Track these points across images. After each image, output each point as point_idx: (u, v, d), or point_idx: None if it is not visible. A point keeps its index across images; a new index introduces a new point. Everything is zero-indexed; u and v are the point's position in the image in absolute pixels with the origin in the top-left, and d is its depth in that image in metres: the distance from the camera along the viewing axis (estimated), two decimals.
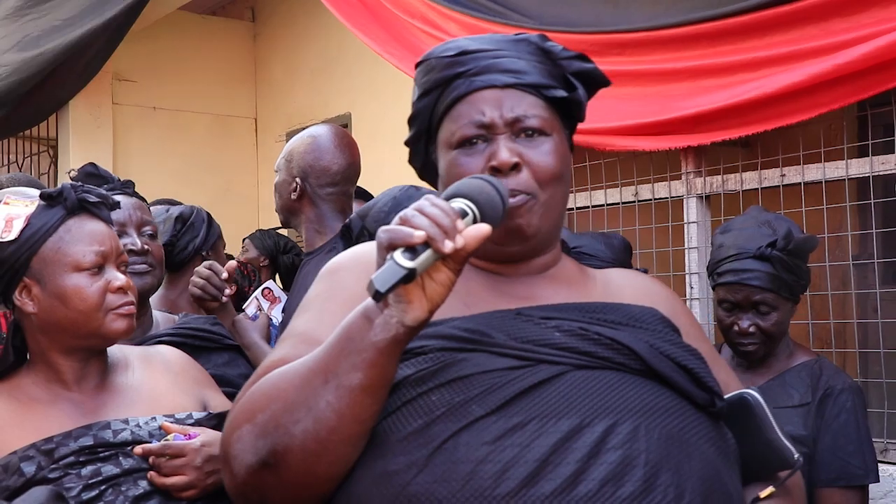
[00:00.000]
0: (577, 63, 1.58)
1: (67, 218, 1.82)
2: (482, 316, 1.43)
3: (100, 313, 1.80)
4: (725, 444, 1.45)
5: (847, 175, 3.10)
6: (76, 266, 1.80)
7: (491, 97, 1.50)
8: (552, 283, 1.55)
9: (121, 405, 1.85)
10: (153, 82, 6.58)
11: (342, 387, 1.27)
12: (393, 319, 1.25)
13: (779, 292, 2.44)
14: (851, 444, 2.39)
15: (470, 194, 1.31)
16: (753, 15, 2.98)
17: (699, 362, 1.45)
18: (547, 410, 1.32)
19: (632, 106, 3.32)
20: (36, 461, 1.71)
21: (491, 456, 1.27)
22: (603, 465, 1.27)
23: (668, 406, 1.38)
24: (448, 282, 1.26)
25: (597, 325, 1.42)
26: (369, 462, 1.32)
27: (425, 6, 3.96)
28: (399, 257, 1.19)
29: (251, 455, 1.32)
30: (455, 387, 1.33)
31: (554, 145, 1.51)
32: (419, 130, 1.60)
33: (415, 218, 1.22)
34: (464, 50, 1.54)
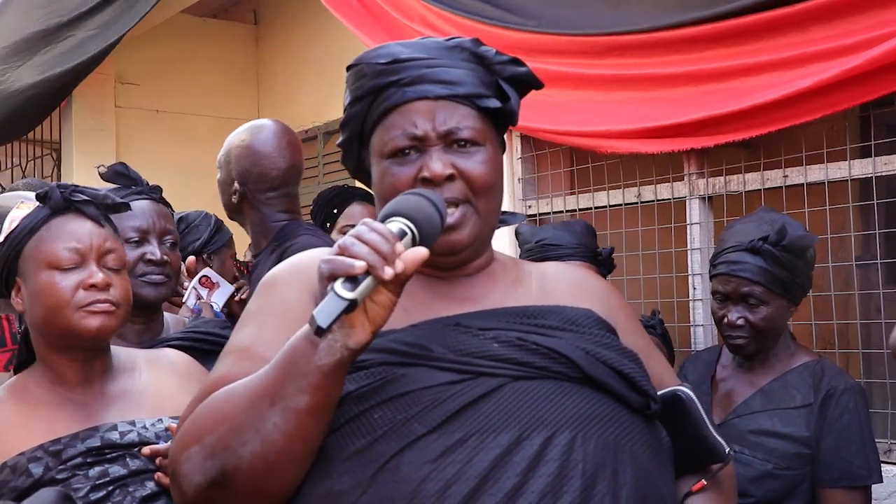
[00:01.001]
0: (511, 67, 1.58)
1: (52, 217, 1.84)
2: (422, 327, 1.44)
3: (68, 310, 1.80)
4: (660, 444, 1.49)
5: (850, 176, 3.09)
6: (50, 263, 1.81)
7: (424, 108, 1.50)
8: (489, 282, 1.57)
9: (127, 407, 1.86)
10: (156, 85, 6.59)
11: (289, 409, 1.28)
12: (337, 344, 1.27)
13: (768, 286, 2.45)
14: (854, 445, 2.39)
15: (408, 213, 1.33)
16: (754, 17, 2.99)
17: (634, 366, 1.48)
18: (486, 425, 1.34)
19: (634, 109, 3.33)
20: (44, 462, 1.73)
21: (433, 474, 1.30)
22: (542, 478, 1.31)
23: (604, 414, 1.40)
24: (389, 304, 1.29)
25: (534, 333, 1.44)
26: (315, 481, 1.35)
27: (425, 9, 3.96)
28: (339, 289, 1.21)
29: (200, 475, 1.33)
30: (397, 404, 1.35)
31: (487, 155, 1.52)
32: (351, 135, 1.60)
33: (354, 246, 1.24)
34: (396, 58, 1.53)
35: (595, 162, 3.79)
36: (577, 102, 3.38)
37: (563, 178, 4.07)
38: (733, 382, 2.60)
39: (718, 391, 2.61)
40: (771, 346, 2.55)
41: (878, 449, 2.98)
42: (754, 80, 3.03)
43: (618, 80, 3.40)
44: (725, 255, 2.53)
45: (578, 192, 3.93)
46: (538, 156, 4.09)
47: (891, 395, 3.10)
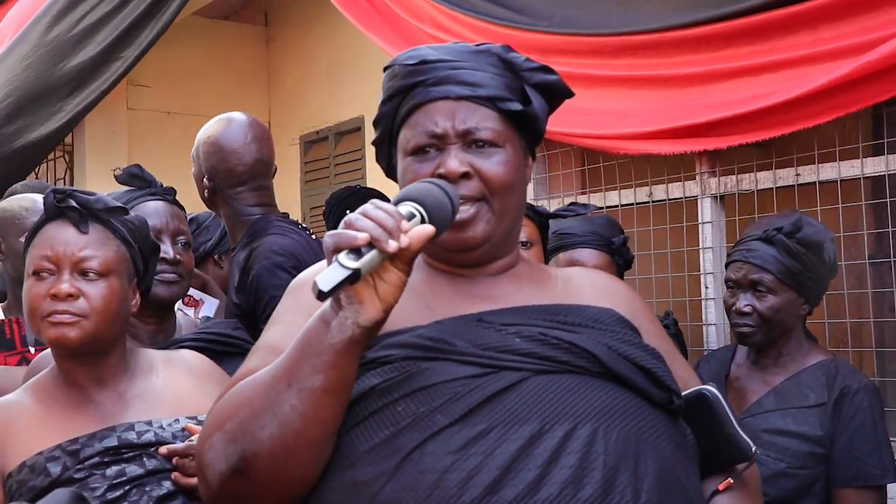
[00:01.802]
0: (539, 75, 1.61)
1: (46, 223, 1.87)
2: (445, 323, 1.47)
3: (36, 319, 1.82)
4: (683, 440, 1.50)
5: (862, 174, 3.09)
6: (30, 270, 1.84)
7: (445, 108, 1.54)
8: (513, 282, 1.60)
9: (144, 407, 1.88)
10: (167, 87, 6.61)
11: (304, 390, 1.31)
12: (348, 321, 1.30)
13: (778, 275, 2.47)
14: (868, 445, 2.39)
15: (418, 197, 1.36)
16: (765, 15, 2.98)
17: (657, 362, 1.50)
18: (509, 417, 1.36)
19: (646, 110, 3.33)
20: (62, 461, 1.75)
21: (456, 465, 1.32)
22: (563, 469, 1.33)
23: (627, 407, 1.42)
24: (398, 281, 1.31)
25: (556, 328, 1.47)
26: (339, 472, 1.37)
27: (436, 10, 3.96)
28: (343, 258, 1.24)
29: (223, 462, 1.36)
30: (420, 397, 1.38)
31: (505, 156, 1.55)
32: (383, 133, 1.65)
33: (358, 221, 1.27)
34: (424, 59, 1.58)
35: (606, 161, 3.79)
36: (588, 103, 3.37)
37: (575, 178, 4.07)
38: (747, 381, 2.60)
39: (732, 390, 2.61)
40: (781, 342, 2.55)
41: (893, 448, 2.98)
42: (767, 80, 3.02)
43: (629, 80, 3.39)
44: (741, 244, 2.57)
45: (590, 191, 3.93)
46: (549, 156, 4.09)
47: None
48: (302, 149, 6.99)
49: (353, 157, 6.58)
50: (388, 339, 1.41)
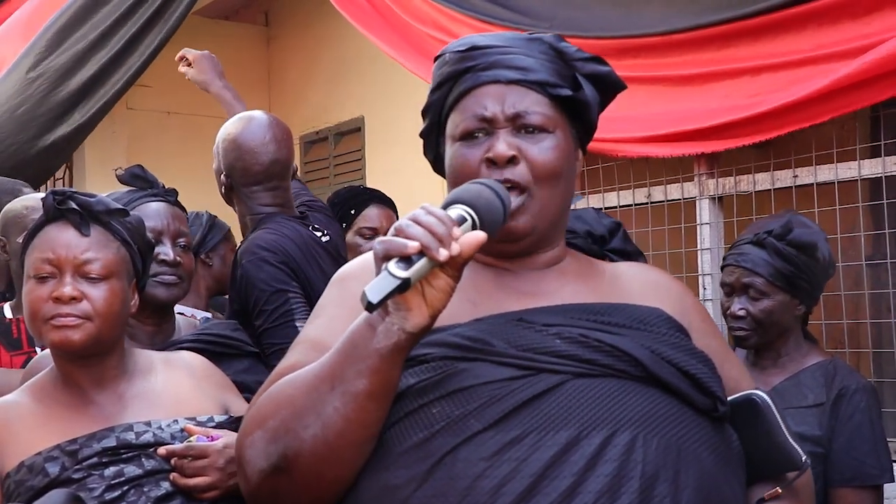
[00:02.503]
0: (591, 65, 1.59)
1: (45, 224, 1.86)
2: (486, 321, 1.44)
3: (38, 322, 1.81)
4: (728, 448, 1.45)
5: (860, 175, 3.11)
6: (30, 273, 1.83)
7: (495, 92, 1.52)
8: (559, 277, 1.56)
9: (143, 408, 1.88)
10: (167, 87, 6.59)
11: (348, 393, 1.30)
12: (394, 327, 1.28)
13: (769, 278, 2.49)
14: (866, 444, 2.40)
15: (469, 200, 1.33)
16: (765, 18, 2.99)
17: (702, 366, 1.45)
18: (545, 422, 1.33)
19: (647, 112, 3.34)
20: (60, 462, 1.74)
21: (488, 472, 1.29)
22: (599, 478, 1.29)
23: (668, 414, 1.38)
24: (448, 288, 1.29)
25: (598, 330, 1.42)
26: (373, 473, 1.35)
27: (437, 11, 3.97)
28: (393, 268, 1.22)
29: (263, 460, 1.35)
30: (455, 399, 1.35)
31: (555, 142, 1.52)
32: (431, 122, 1.63)
33: (409, 228, 1.24)
34: (474, 45, 1.57)
35: (605, 163, 3.80)
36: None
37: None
38: None
39: None
40: (778, 343, 2.56)
41: (890, 448, 2.99)
42: (766, 81, 3.03)
43: (629, 81, 3.37)
44: (734, 248, 2.59)
45: (589, 192, 3.94)
46: None
47: None
48: (302, 149, 6.99)
49: (352, 158, 6.59)
50: (427, 337, 1.36)
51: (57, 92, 4.97)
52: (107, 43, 4.99)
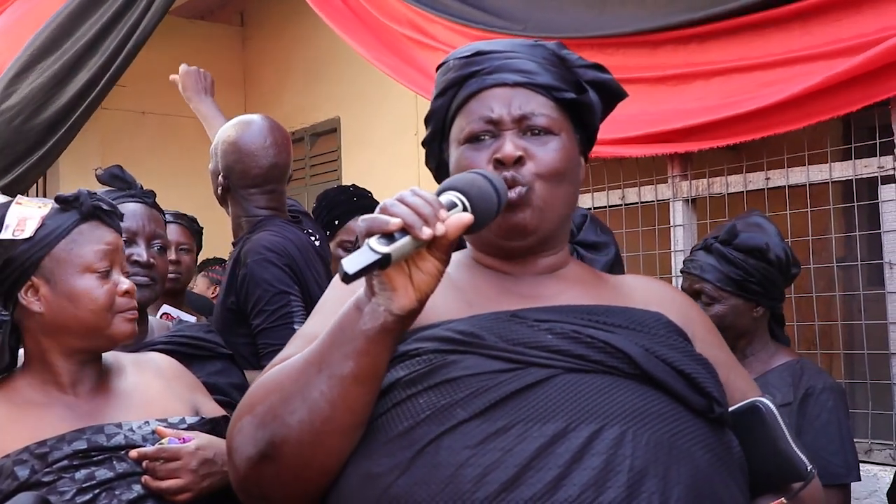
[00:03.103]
0: (593, 72, 1.60)
1: (81, 222, 1.86)
2: (477, 318, 1.43)
3: (109, 315, 1.83)
4: (726, 451, 1.42)
5: (831, 178, 3.13)
6: (87, 267, 1.83)
7: (501, 95, 1.52)
8: (559, 283, 1.55)
9: (114, 409, 1.87)
10: (142, 87, 6.57)
11: (334, 376, 1.29)
12: (380, 308, 1.27)
13: (717, 284, 2.53)
14: (833, 444, 2.41)
15: (461, 187, 1.32)
16: (740, 20, 3.02)
17: (699, 367, 1.43)
18: (533, 414, 1.31)
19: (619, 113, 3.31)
20: (30, 465, 1.72)
21: (472, 460, 1.28)
22: (585, 471, 1.27)
23: (660, 411, 1.36)
24: (435, 271, 1.28)
25: (592, 327, 1.41)
26: (357, 462, 1.34)
27: (412, 12, 3.98)
28: (374, 243, 1.21)
29: (251, 446, 1.34)
30: (442, 389, 1.34)
31: (560, 144, 1.52)
32: (434, 130, 1.63)
33: (394, 206, 1.24)
34: (479, 51, 1.57)
35: None
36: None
37: None
38: None
39: None
40: (742, 344, 2.59)
41: (859, 449, 3.02)
42: (738, 83, 3.06)
43: None
44: (690, 254, 2.65)
45: None
46: None
47: (872, 395, 3.14)
48: None
49: (328, 158, 6.59)
50: (420, 333, 1.37)
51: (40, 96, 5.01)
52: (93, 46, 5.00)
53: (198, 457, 1.79)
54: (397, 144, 5.55)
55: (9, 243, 1.82)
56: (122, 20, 4.96)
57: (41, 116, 5.00)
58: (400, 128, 5.50)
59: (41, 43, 5.07)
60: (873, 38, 2.69)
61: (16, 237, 1.83)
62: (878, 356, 3.09)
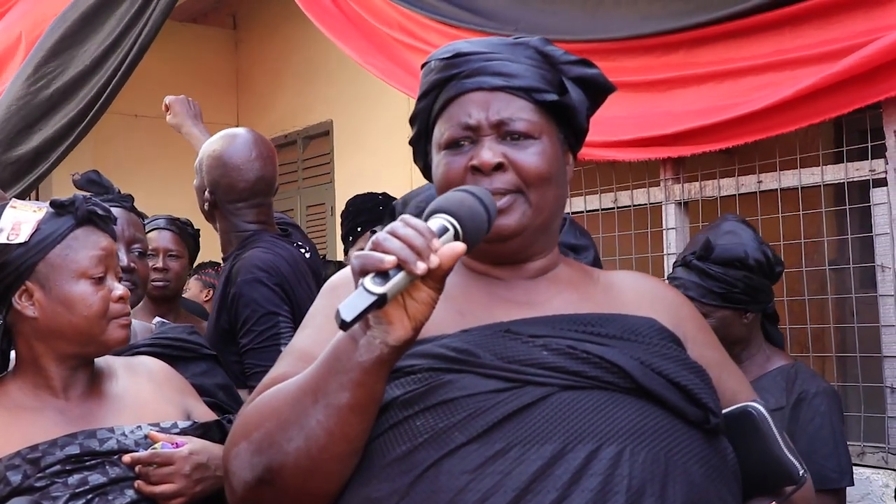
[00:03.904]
0: (578, 68, 1.56)
1: (76, 228, 1.86)
2: (473, 333, 1.41)
3: (103, 321, 1.83)
4: (720, 461, 1.42)
5: (823, 181, 3.13)
6: (82, 273, 1.83)
7: (479, 99, 1.50)
8: (550, 286, 1.53)
9: (106, 413, 1.86)
10: (134, 90, 6.56)
11: (331, 406, 1.28)
12: (376, 340, 1.25)
13: (702, 300, 2.51)
14: (826, 448, 2.42)
15: (450, 209, 1.30)
16: (732, 24, 3.02)
17: (694, 377, 1.42)
18: (530, 436, 1.30)
19: (612, 116, 3.35)
20: (22, 470, 1.72)
21: (471, 485, 1.27)
22: (584, 492, 1.26)
23: (657, 427, 1.35)
24: (430, 300, 1.26)
25: (587, 341, 1.40)
26: (355, 487, 1.34)
27: (403, 17, 3.98)
28: (369, 283, 1.19)
29: (248, 472, 1.33)
30: (439, 411, 1.33)
31: (542, 148, 1.50)
32: (419, 131, 1.61)
33: (386, 241, 1.21)
34: (459, 52, 1.55)
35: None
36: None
37: None
38: None
39: None
40: (738, 350, 2.58)
41: (852, 452, 3.01)
42: (729, 87, 3.06)
43: None
44: (672, 269, 2.63)
45: None
46: None
47: (864, 398, 3.14)
48: None
49: (321, 161, 6.59)
50: (414, 348, 1.34)
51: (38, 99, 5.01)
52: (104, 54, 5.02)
53: (191, 461, 1.79)
54: (390, 147, 5.54)
55: (3, 247, 1.82)
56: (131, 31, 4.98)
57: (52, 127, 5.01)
58: (392, 130, 5.49)
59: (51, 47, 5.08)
60: (864, 41, 2.70)
61: (10, 241, 1.82)
62: (871, 359, 3.09)
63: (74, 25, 5.09)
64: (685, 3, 3.15)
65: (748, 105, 2.95)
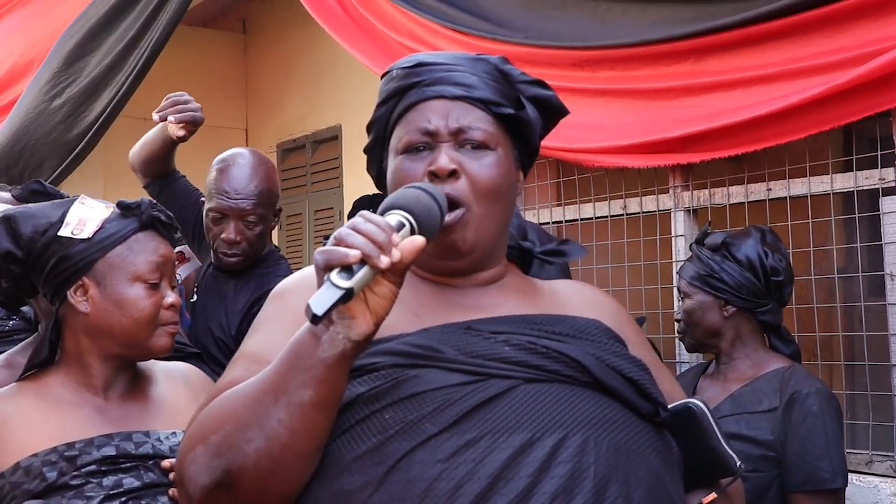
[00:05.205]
0: (535, 88, 1.62)
1: (138, 231, 1.90)
2: (433, 331, 1.45)
3: (151, 326, 1.88)
4: (669, 452, 1.49)
5: (832, 189, 3.13)
6: (138, 277, 1.87)
7: (439, 107, 1.54)
8: (501, 293, 1.58)
9: (143, 417, 1.90)
10: (144, 93, 6.56)
11: (293, 404, 1.29)
12: (339, 336, 1.27)
13: (689, 280, 2.68)
14: (818, 448, 2.41)
15: (406, 205, 1.34)
16: (741, 31, 3.02)
17: (643, 373, 1.49)
18: (499, 425, 1.34)
19: (621, 123, 3.36)
20: (58, 467, 1.75)
21: (445, 473, 1.30)
22: (554, 479, 1.30)
23: (615, 418, 1.41)
24: (390, 294, 1.29)
25: (545, 338, 1.45)
26: (326, 481, 1.35)
27: (412, 21, 3.98)
28: (335, 278, 1.21)
29: (206, 476, 1.33)
30: (408, 404, 1.35)
31: (496, 160, 1.54)
32: (376, 137, 1.65)
33: (349, 237, 1.24)
34: (421, 62, 1.59)
35: (581, 174, 3.82)
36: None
37: (550, 190, 4.10)
38: (710, 391, 2.65)
39: None
40: (721, 344, 2.66)
41: (860, 460, 3.02)
42: (739, 95, 3.06)
43: (605, 93, 3.42)
44: None
45: (564, 203, 3.95)
46: None
47: (873, 406, 3.13)
48: (279, 157, 6.98)
49: (330, 166, 6.59)
50: (374, 347, 1.37)
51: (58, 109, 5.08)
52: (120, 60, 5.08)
53: None
54: None
55: (67, 241, 1.86)
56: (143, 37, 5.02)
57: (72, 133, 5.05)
58: None
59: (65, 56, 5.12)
60: (874, 50, 2.70)
61: (74, 236, 1.86)
62: (879, 368, 3.08)
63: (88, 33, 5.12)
64: (694, 10, 3.15)
65: (758, 111, 2.95)
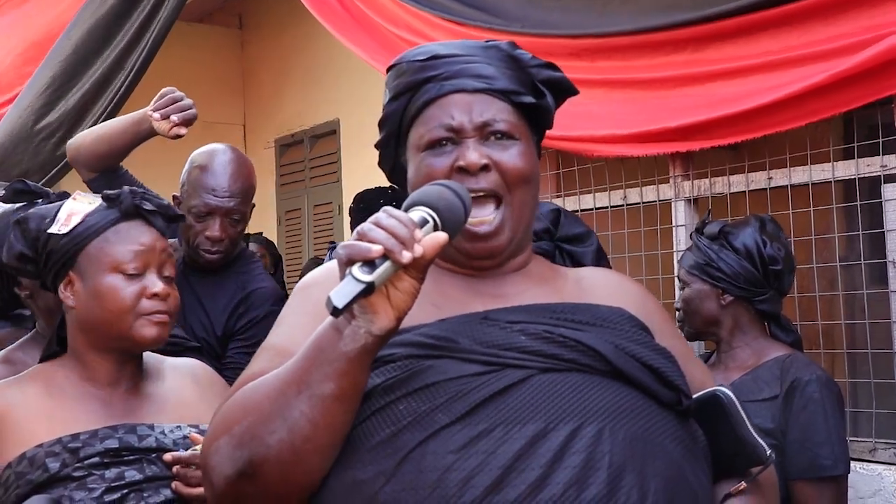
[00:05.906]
0: (546, 71, 1.61)
1: (120, 221, 1.88)
2: (450, 321, 1.45)
3: (130, 316, 1.84)
4: (693, 441, 1.47)
5: (833, 177, 3.12)
6: (115, 267, 1.85)
7: (461, 101, 1.53)
8: (523, 280, 1.58)
9: (148, 411, 1.89)
10: (141, 89, 6.52)
11: (315, 396, 1.30)
12: (361, 330, 1.28)
13: (687, 268, 2.69)
14: (819, 435, 2.41)
15: (429, 202, 1.34)
16: (740, 19, 3.01)
17: (666, 361, 1.47)
18: (512, 416, 1.34)
19: (620, 112, 3.35)
20: (61, 458, 1.75)
21: (457, 464, 1.30)
22: (567, 469, 1.30)
23: (634, 407, 1.39)
24: (412, 290, 1.29)
25: (562, 326, 1.44)
26: (340, 471, 1.35)
27: (409, 14, 3.97)
28: (357, 272, 1.22)
29: (229, 466, 1.34)
30: (421, 395, 1.36)
31: (522, 148, 1.54)
32: (389, 133, 1.63)
33: (371, 231, 1.25)
34: (435, 54, 1.57)
35: (581, 165, 3.81)
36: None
37: (549, 181, 4.09)
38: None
39: None
40: (719, 333, 2.67)
41: (864, 448, 3.01)
42: (739, 83, 3.05)
43: (604, 82, 3.41)
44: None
45: (565, 194, 3.94)
46: None
47: (875, 394, 3.12)
48: (277, 152, 6.98)
49: (328, 161, 6.58)
50: (393, 339, 1.36)
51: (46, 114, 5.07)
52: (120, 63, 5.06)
53: None
54: None
55: (52, 237, 1.86)
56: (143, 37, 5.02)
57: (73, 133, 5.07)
58: None
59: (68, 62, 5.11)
60: (873, 37, 2.69)
61: (59, 231, 1.86)
62: (882, 355, 3.08)
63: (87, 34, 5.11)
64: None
65: (757, 99, 2.94)
